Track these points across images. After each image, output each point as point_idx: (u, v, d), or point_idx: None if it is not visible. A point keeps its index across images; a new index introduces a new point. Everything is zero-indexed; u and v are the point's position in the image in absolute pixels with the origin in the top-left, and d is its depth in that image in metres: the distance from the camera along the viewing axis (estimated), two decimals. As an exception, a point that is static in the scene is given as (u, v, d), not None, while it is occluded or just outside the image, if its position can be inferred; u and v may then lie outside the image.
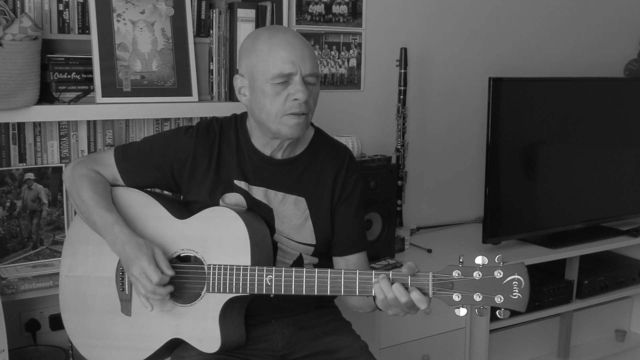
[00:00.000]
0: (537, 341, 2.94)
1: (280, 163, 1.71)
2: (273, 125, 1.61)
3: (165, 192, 2.02)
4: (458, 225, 3.15)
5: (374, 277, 1.48)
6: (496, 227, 2.72)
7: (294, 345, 1.75)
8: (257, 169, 1.70)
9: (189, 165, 1.70)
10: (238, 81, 1.67)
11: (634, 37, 3.59)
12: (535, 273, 2.79)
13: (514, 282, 1.40)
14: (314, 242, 1.72)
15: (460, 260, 1.45)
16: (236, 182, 1.70)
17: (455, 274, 1.43)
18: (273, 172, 1.71)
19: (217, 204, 1.68)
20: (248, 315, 1.70)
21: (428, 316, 2.40)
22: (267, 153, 1.70)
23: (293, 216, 1.70)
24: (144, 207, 1.71)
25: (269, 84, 1.58)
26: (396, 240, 2.63)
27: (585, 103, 2.97)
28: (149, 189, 1.80)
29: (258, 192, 1.70)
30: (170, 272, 1.59)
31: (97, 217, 1.66)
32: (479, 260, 1.43)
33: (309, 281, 1.52)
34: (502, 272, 1.41)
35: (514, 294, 1.40)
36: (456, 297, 1.43)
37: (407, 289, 1.45)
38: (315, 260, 1.74)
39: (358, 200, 1.76)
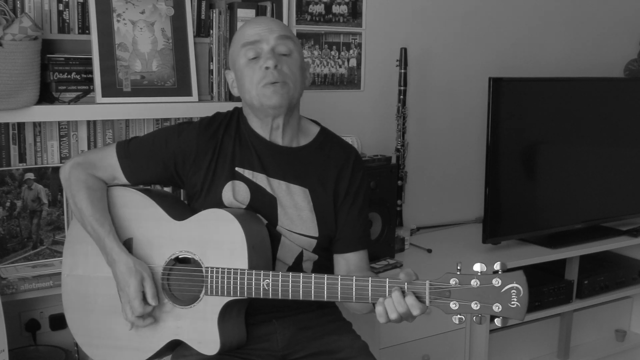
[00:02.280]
0: (537, 341, 2.94)
1: (283, 151, 1.72)
2: (256, 100, 1.66)
3: (164, 191, 2.02)
4: (458, 225, 3.15)
5: (370, 284, 1.48)
6: (496, 227, 2.72)
7: (295, 346, 1.75)
8: (260, 156, 1.71)
9: (192, 158, 1.71)
10: (228, 76, 1.75)
11: (634, 37, 3.58)
12: (535, 273, 2.79)
13: (513, 291, 1.38)
14: (316, 234, 1.71)
15: (458, 267, 1.43)
16: (238, 169, 1.70)
17: (452, 281, 1.41)
18: (276, 161, 1.71)
19: (220, 195, 1.68)
20: (249, 314, 1.70)
21: (428, 316, 2.40)
22: (267, 137, 1.72)
23: (297, 206, 1.70)
24: (142, 207, 1.71)
25: (243, 61, 1.66)
26: (396, 240, 2.63)
27: (585, 103, 2.97)
28: (148, 189, 1.80)
29: (262, 180, 1.70)
30: (153, 303, 1.62)
31: (90, 228, 1.68)
32: (477, 267, 1.41)
33: (306, 287, 1.52)
34: (500, 281, 1.38)
35: (512, 302, 1.38)
36: (453, 306, 1.41)
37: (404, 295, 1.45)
38: (315, 257, 1.74)
39: (363, 198, 1.77)
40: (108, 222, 1.68)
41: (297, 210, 1.70)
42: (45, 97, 2.05)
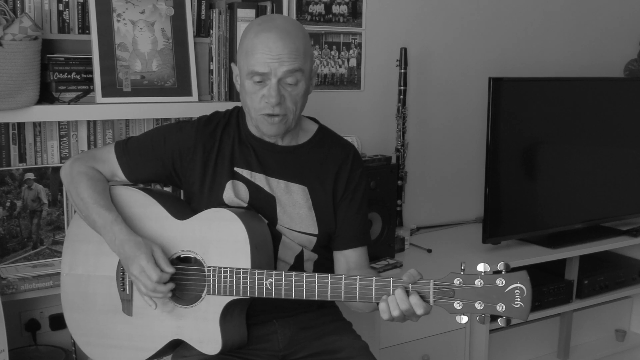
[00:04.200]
0: (537, 341, 2.94)
1: (283, 150, 1.72)
2: (254, 122, 1.67)
3: (165, 190, 2.02)
4: (458, 225, 3.15)
5: (374, 284, 1.48)
6: (496, 227, 2.72)
7: (295, 345, 1.75)
8: (258, 156, 1.71)
9: (190, 157, 1.71)
10: (234, 69, 1.73)
11: (634, 37, 3.59)
12: (535, 273, 2.79)
13: (516, 291, 1.39)
14: (316, 232, 1.71)
15: (462, 267, 1.44)
16: (237, 169, 1.70)
17: (456, 281, 1.42)
18: (275, 160, 1.72)
19: (221, 195, 1.68)
20: (249, 314, 1.70)
21: (428, 316, 2.40)
22: (266, 139, 1.72)
23: (296, 205, 1.70)
24: (144, 206, 1.71)
25: (247, 80, 1.62)
26: (396, 240, 2.63)
27: (585, 103, 2.97)
28: (149, 188, 1.80)
29: (260, 180, 1.70)
30: (169, 270, 1.58)
31: (96, 215, 1.65)
32: (480, 267, 1.42)
33: (309, 286, 1.52)
34: (504, 281, 1.39)
35: (516, 302, 1.39)
36: (457, 305, 1.42)
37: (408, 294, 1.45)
38: (315, 256, 1.74)
39: (362, 194, 1.77)
40: (114, 208, 1.67)
41: (296, 209, 1.70)
42: (45, 97, 2.05)
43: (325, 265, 1.77)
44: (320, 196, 1.72)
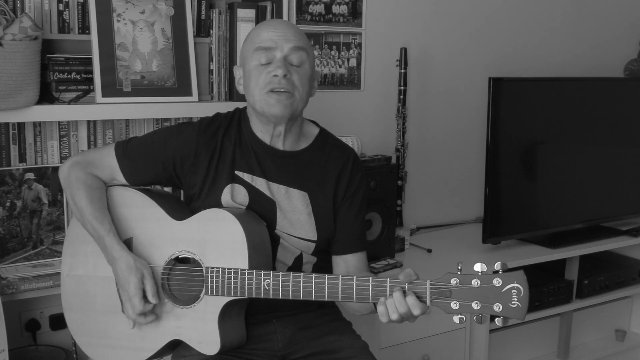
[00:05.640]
0: (537, 341, 2.94)
1: (283, 155, 1.72)
2: (258, 105, 1.65)
3: (164, 191, 2.02)
4: (458, 225, 3.15)
5: (371, 284, 1.48)
6: (496, 227, 2.72)
7: (295, 345, 1.75)
8: (260, 160, 1.71)
9: (191, 159, 1.71)
10: (236, 72, 1.74)
11: (634, 37, 3.58)
12: (535, 273, 2.79)
13: (513, 291, 1.38)
14: (315, 238, 1.72)
15: (459, 267, 1.44)
16: (238, 173, 1.70)
17: (453, 281, 1.42)
18: (275, 165, 1.71)
19: (219, 198, 1.68)
20: (249, 314, 1.70)
21: (428, 316, 2.39)
22: (267, 141, 1.71)
23: (296, 210, 1.70)
24: (142, 207, 1.71)
25: (254, 64, 1.64)
26: (396, 240, 2.63)
27: (585, 103, 2.97)
28: (148, 188, 1.80)
29: (261, 184, 1.70)
30: (154, 301, 1.61)
31: (90, 227, 1.68)
32: (477, 267, 1.42)
33: (307, 286, 1.52)
34: (501, 281, 1.39)
35: (513, 302, 1.38)
36: (454, 305, 1.42)
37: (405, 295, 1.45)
38: (314, 259, 1.74)
39: (361, 199, 1.77)
40: (107, 221, 1.68)
41: (296, 214, 1.70)
42: (45, 97, 2.05)
43: (324, 268, 1.77)
44: (320, 202, 1.72)
